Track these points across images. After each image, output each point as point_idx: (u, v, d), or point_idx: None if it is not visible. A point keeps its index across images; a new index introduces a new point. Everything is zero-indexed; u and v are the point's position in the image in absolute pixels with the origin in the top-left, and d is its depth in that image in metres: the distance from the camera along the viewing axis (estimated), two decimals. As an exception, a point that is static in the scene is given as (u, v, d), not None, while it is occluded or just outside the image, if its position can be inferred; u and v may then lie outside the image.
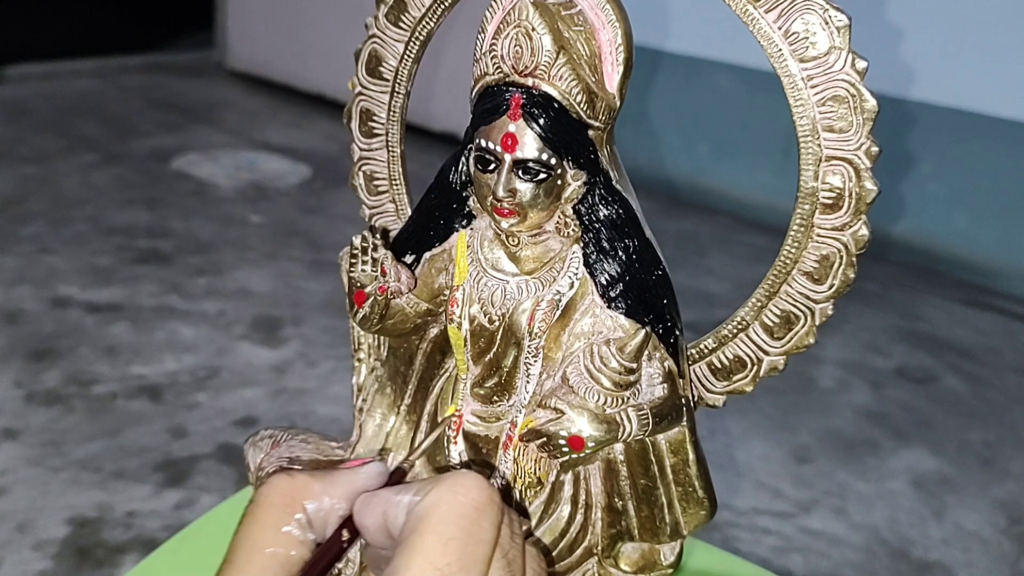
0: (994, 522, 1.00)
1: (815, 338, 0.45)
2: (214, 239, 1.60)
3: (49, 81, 2.62)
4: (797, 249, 0.44)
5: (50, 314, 1.28)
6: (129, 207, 1.72)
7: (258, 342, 1.25)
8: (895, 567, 0.92)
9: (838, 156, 0.41)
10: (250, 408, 1.09)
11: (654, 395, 0.42)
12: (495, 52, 0.41)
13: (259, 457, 0.54)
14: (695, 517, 0.47)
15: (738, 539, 0.93)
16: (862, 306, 1.52)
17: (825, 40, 0.40)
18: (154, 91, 2.62)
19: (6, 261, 1.44)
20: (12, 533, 0.85)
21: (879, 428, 1.17)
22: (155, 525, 0.88)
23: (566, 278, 0.43)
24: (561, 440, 0.41)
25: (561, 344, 0.44)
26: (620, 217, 0.43)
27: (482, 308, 0.44)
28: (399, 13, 0.48)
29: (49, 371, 1.13)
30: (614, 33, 0.41)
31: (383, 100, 0.51)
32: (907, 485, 1.05)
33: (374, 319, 0.45)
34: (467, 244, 0.45)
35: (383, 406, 0.51)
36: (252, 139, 2.23)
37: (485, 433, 0.46)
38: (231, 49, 2.84)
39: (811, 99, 0.41)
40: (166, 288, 1.39)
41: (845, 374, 1.30)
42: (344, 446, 0.54)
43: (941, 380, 1.31)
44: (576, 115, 0.41)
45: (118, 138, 2.15)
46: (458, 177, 0.45)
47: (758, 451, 1.09)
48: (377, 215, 0.54)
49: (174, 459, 0.98)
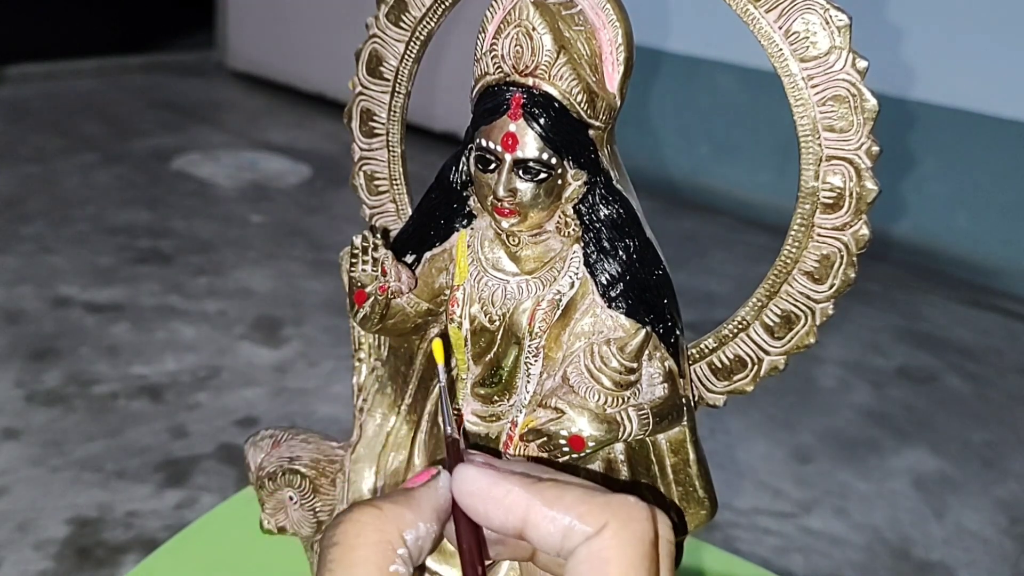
0: (995, 522, 1.00)
1: (816, 338, 0.45)
2: (215, 239, 1.60)
3: (50, 81, 2.62)
4: (798, 249, 0.44)
5: (51, 314, 1.28)
6: (130, 207, 1.72)
7: (259, 342, 1.25)
8: (896, 567, 0.92)
9: (839, 156, 0.41)
10: (251, 408, 1.09)
11: (654, 395, 0.42)
12: (496, 52, 0.41)
13: (260, 457, 0.55)
14: (696, 517, 0.47)
15: (739, 539, 0.93)
16: (863, 306, 1.51)
17: (826, 40, 0.40)
18: (155, 91, 2.62)
19: (7, 261, 1.44)
20: (13, 533, 0.85)
21: (880, 428, 1.17)
22: (156, 525, 0.88)
23: (566, 278, 0.43)
24: (562, 440, 0.41)
25: (561, 344, 0.44)
26: (621, 217, 0.43)
27: (482, 308, 0.44)
28: (400, 13, 0.48)
29: (50, 371, 1.13)
30: (615, 33, 0.41)
31: (384, 100, 0.51)
32: (908, 485, 1.05)
33: (375, 319, 0.45)
34: (467, 244, 0.45)
35: (384, 406, 0.51)
36: (253, 139, 2.23)
37: (486, 432, 0.46)
38: (232, 49, 2.84)
39: (812, 99, 0.41)
40: (167, 288, 1.39)
41: (846, 374, 1.30)
42: (345, 446, 0.54)
43: (942, 380, 1.31)
44: (577, 115, 0.41)
45: (119, 138, 2.15)
46: (458, 177, 0.45)
47: (759, 451, 1.09)
48: (378, 215, 0.54)
49: (175, 459, 0.98)
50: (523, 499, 0.30)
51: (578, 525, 0.29)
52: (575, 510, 0.29)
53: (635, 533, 0.29)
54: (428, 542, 0.31)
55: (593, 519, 0.29)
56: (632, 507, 0.29)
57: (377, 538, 0.29)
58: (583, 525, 0.29)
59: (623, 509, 0.29)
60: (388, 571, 0.29)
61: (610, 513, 0.29)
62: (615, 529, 0.29)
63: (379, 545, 0.29)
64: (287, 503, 0.54)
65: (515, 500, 0.30)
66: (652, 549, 0.29)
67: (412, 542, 0.30)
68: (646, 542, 0.29)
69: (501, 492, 0.30)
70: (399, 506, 0.31)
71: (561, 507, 0.29)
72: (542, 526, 0.29)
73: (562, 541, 0.29)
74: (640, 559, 0.28)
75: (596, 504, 0.29)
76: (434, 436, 0.49)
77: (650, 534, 0.29)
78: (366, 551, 0.29)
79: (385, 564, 0.29)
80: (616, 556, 0.28)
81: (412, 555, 0.30)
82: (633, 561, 0.28)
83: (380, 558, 0.29)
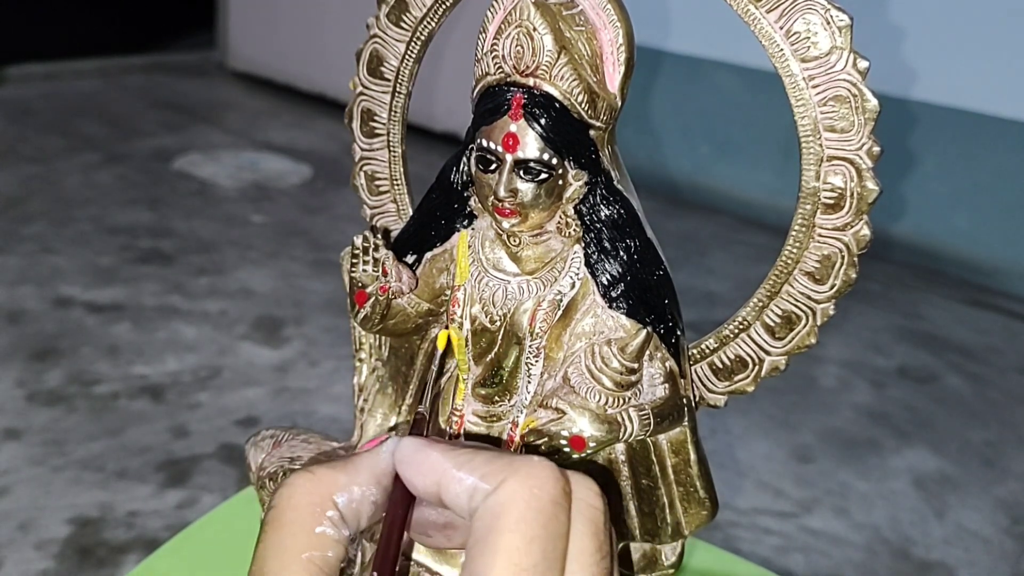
0: (996, 522, 1.00)
1: (816, 338, 0.45)
2: (216, 239, 1.60)
3: (51, 81, 2.63)
4: (799, 249, 0.44)
5: (52, 314, 1.28)
6: (131, 207, 1.72)
7: (260, 342, 1.25)
8: (896, 567, 0.92)
9: (840, 156, 0.41)
10: (252, 408, 1.09)
11: (655, 395, 0.42)
12: (496, 52, 0.41)
13: (260, 457, 0.55)
14: (696, 517, 0.47)
15: (739, 539, 0.93)
16: (864, 306, 1.51)
17: (826, 40, 0.40)
18: (156, 91, 2.62)
19: (8, 261, 1.44)
20: (14, 532, 0.85)
21: (880, 428, 1.17)
22: (157, 525, 0.88)
23: (567, 278, 0.43)
24: (562, 440, 0.41)
25: (562, 344, 0.44)
26: (621, 217, 0.43)
27: (483, 308, 0.44)
28: (400, 13, 0.48)
29: (51, 371, 1.13)
30: (615, 33, 0.41)
31: (384, 100, 0.51)
32: (909, 485, 1.05)
33: (375, 319, 0.45)
34: (468, 244, 0.45)
35: (384, 406, 0.51)
36: (254, 139, 2.23)
37: (486, 433, 0.46)
38: (233, 49, 2.84)
39: (813, 99, 0.41)
40: (168, 288, 1.39)
41: (846, 374, 1.30)
42: (345, 446, 0.54)
43: (943, 380, 1.31)
44: (577, 115, 0.41)
45: (120, 138, 2.15)
46: (459, 177, 0.45)
47: (759, 451, 1.09)
48: (378, 215, 0.54)
49: (176, 459, 0.98)
50: (439, 463, 0.31)
51: (481, 484, 0.30)
52: (480, 470, 0.30)
53: (532, 489, 0.29)
54: (365, 505, 0.32)
55: (494, 477, 0.30)
56: (535, 465, 0.30)
57: (308, 500, 0.31)
58: (484, 484, 0.30)
59: (524, 467, 0.30)
60: (315, 532, 0.30)
61: (511, 471, 0.30)
62: (512, 485, 0.29)
63: (309, 507, 0.31)
64: (288, 503, 0.54)
65: (432, 464, 0.31)
66: (553, 507, 0.29)
67: (344, 504, 0.31)
68: (544, 499, 0.29)
69: (423, 457, 0.31)
70: (334, 471, 0.32)
71: (468, 468, 0.30)
72: (451, 487, 0.30)
73: (468, 501, 0.30)
74: (535, 513, 0.29)
75: (500, 464, 0.30)
76: (435, 436, 0.49)
77: (552, 492, 0.29)
78: (295, 513, 0.31)
79: (312, 525, 0.30)
80: (509, 509, 0.29)
81: (345, 517, 0.31)
82: (525, 515, 0.28)
83: (309, 519, 0.31)
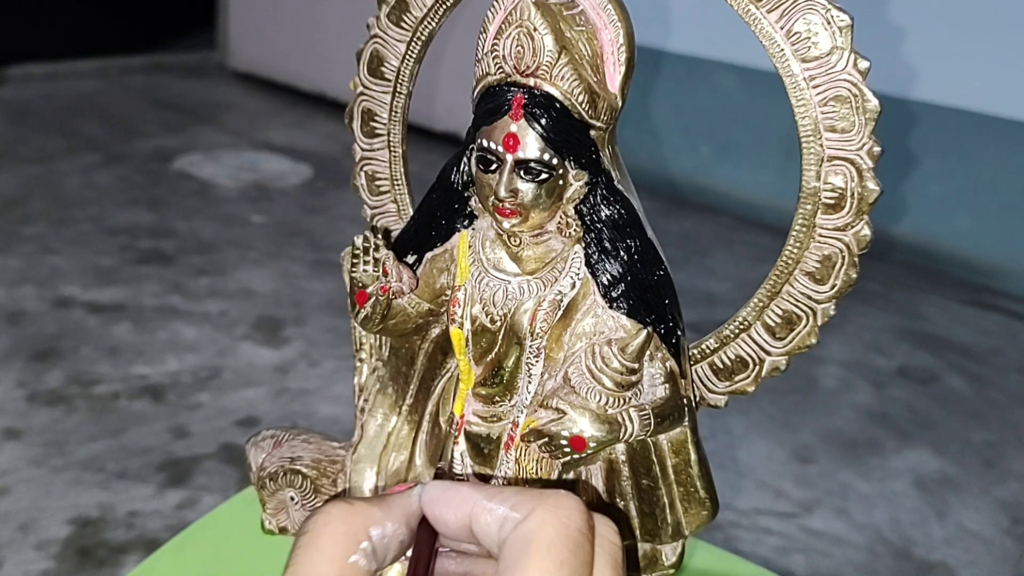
0: (997, 522, 0.99)
1: (817, 338, 0.45)
2: (216, 239, 1.60)
3: (51, 82, 2.63)
4: (799, 249, 0.44)
5: (52, 314, 1.28)
6: (131, 207, 1.72)
7: (260, 342, 1.25)
8: (897, 567, 0.92)
9: (840, 156, 0.41)
10: (252, 408, 1.09)
11: (656, 395, 0.42)
12: (497, 52, 0.41)
13: (261, 457, 0.55)
14: (697, 517, 0.47)
15: (740, 539, 0.93)
16: (864, 306, 1.51)
17: (827, 40, 0.40)
18: (156, 92, 2.62)
19: (8, 261, 1.44)
20: (14, 533, 0.85)
21: (881, 428, 1.17)
22: (157, 525, 0.88)
23: (568, 278, 0.43)
24: (563, 440, 0.41)
25: (563, 344, 0.44)
26: (622, 217, 0.43)
27: (484, 308, 0.44)
28: (401, 13, 0.48)
29: (51, 371, 1.13)
30: (616, 33, 0.41)
31: (385, 100, 0.51)
32: (909, 485, 1.05)
33: (376, 319, 0.45)
34: (469, 244, 0.45)
35: (385, 406, 0.51)
36: (254, 139, 2.23)
37: (487, 433, 0.46)
38: (233, 49, 2.84)
39: (813, 99, 0.41)
40: (168, 288, 1.39)
41: (847, 374, 1.30)
42: (346, 446, 0.54)
43: (943, 380, 1.31)
44: (578, 115, 0.41)
45: (120, 138, 2.15)
46: (460, 177, 0.45)
47: (760, 451, 1.09)
48: (379, 215, 0.54)
49: (176, 459, 0.98)
50: (470, 496, 0.32)
51: (511, 513, 0.31)
52: (510, 501, 0.31)
53: (561, 518, 0.30)
54: (394, 543, 0.32)
55: (524, 507, 0.30)
56: (562, 497, 0.31)
57: (344, 529, 0.31)
58: (515, 513, 0.31)
59: (552, 498, 0.31)
60: (348, 561, 0.31)
61: (539, 501, 0.31)
62: (542, 513, 0.30)
63: (344, 536, 0.31)
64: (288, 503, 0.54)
65: (464, 498, 0.32)
66: (580, 537, 0.30)
67: (377, 538, 0.32)
68: (572, 528, 0.30)
69: (452, 493, 0.32)
70: (370, 505, 0.33)
71: (499, 500, 0.31)
72: (482, 518, 0.31)
73: (499, 531, 0.31)
74: (563, 540, 0.29)
75: (529, 495, 0.31)
76: (435, 436, 0.49)
77: (579, 523, 0.30)
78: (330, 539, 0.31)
79: (346, 554, 0.31)
80: (539, 535, 0.29)
81: (376, 551, 0.32)
82: (554, 541, 0.29)
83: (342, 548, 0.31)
